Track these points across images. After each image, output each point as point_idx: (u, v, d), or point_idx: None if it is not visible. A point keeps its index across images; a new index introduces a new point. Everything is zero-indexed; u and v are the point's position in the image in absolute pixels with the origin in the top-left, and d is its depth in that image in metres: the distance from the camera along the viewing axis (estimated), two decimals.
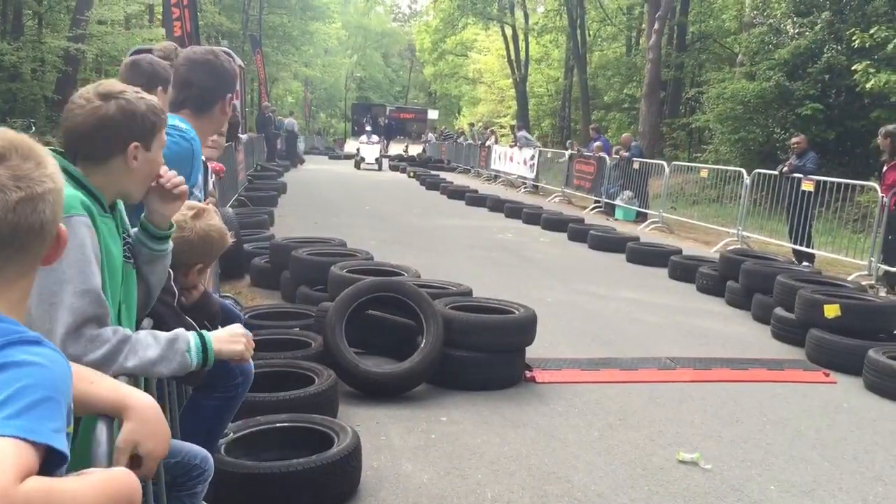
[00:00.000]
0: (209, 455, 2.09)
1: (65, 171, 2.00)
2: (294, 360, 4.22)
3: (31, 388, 1.11)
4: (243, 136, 15.53)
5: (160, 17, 26.07)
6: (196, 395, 2.65)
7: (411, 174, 25.49)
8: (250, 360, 2.21)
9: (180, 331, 1.93)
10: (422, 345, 4.50)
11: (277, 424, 3.42)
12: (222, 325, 2.15)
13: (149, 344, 1.82)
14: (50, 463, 1.09)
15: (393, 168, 29.20)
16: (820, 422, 4.51)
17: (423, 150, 39.88)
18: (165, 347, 1.85)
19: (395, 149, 41.14)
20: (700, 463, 3.78)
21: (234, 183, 12.47)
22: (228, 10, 38.64)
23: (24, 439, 1.05)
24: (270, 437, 3.39)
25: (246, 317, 5.10)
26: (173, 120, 2.71)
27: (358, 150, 29.26)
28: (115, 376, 1.62)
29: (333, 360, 4.33)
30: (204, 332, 1.98)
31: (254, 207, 11.68)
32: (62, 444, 1.10)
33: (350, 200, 16.41)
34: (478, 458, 3.71)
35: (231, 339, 2.02)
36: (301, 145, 32.78)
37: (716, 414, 4.52)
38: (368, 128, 31.39)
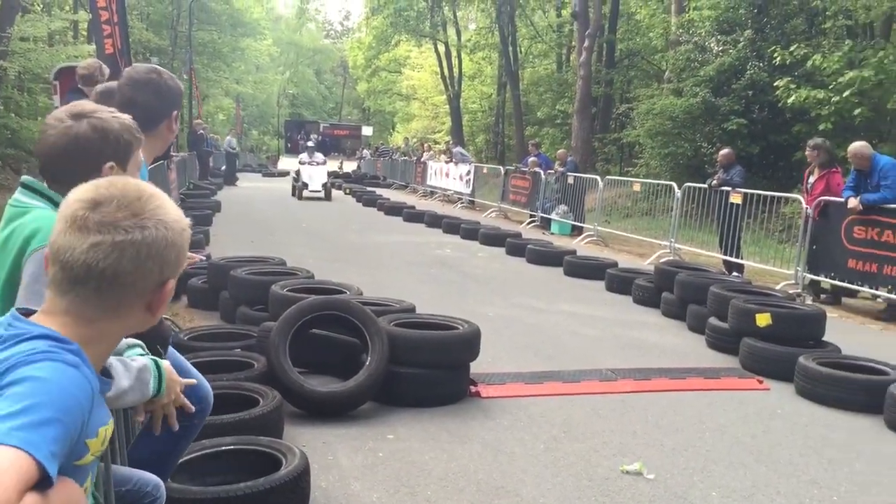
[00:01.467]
0: (161, 482, 2.05)
1: (41, 194, 1.95)
2: (237, 382, 4.15)
3: (45, 406, 1.13)
4: (175, 156, 15.26)
5: (85, 33, 25.49)
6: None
7: (347, 191, 25.41)
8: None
9: (146, 360, 1.88)
10: (367, 363, 4.48)
11: (223, 448, 3.35)
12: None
13: (122, 373, 1.77)
14: (35, 485, 1.08)
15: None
16: (756, 428, 4.65)
17: (358, 167, 39.85)
18: (135, 377, 1.80)
19: (330, 165, 40.85)
20: (644, 472, 3.85)
21: None
22: (156, 26, 38.05)
23: (28, 452, 1.06)
24: (216, 461, 3.32)
25: (185, 338, 5.01)
26: None
27: (298, 173, 22.22)
28: None
29: (278, 380, 4.28)
30: (158, 359, 1.94)
31: None
32: (52, 470, 1.10)
33: (286, 218, 16.25)
34: (426, 475, 3.71)
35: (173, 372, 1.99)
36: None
37: (657, 423, 4.62)
38: (310, 143, 24.76)
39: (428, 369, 4.67)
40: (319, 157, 23.07)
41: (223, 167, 28.33)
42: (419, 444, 4.09)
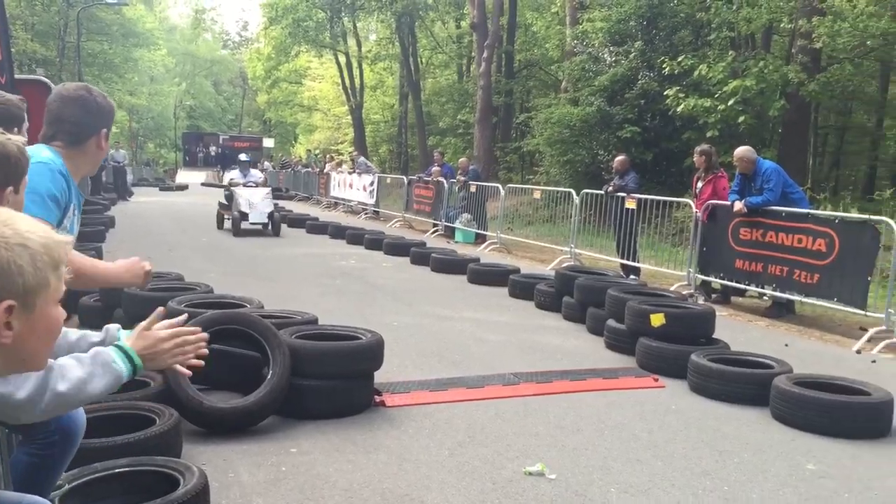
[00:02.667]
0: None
1: None
2: (132, 402, 4.03)
3: None
4: None
5: None
6: (18, 448, 2.51)
7: None
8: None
9: (96, 347, 1.92)
10: (268, 376, 4.42)
11: (117, 470, 3.24)
12: None
13: (72, 365, 1.79)
14: None
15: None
16: (652, 424, 4.81)
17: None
18: (90, 364, 1.83)
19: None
20: (546, 473, 3.93)
21: None
22: (42, 36, 36.47)
23: None
24: (110, 484, 3.21)
25: None
26: (41, 150, 2.71)
27: (230, 198, 16.11)
28: (51, 402, 1.71)
29: (175, 398, 4.17)
30: (120, 343, 1.97)
31: (80, 243, 11.01)
32: None
33: (185, 233, 15.83)
34: (331, 487, 3.68)
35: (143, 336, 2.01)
36: (129, 177, 31.25)
37: (558, 424, 4.72)
38: (244, 157, 18.02)
39: (331, 380, 4.64)
40: (256, 175, 17.66)
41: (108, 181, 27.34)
42: (323, 457, 4.05)
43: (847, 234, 7.98)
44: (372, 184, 21.70)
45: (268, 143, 57.70)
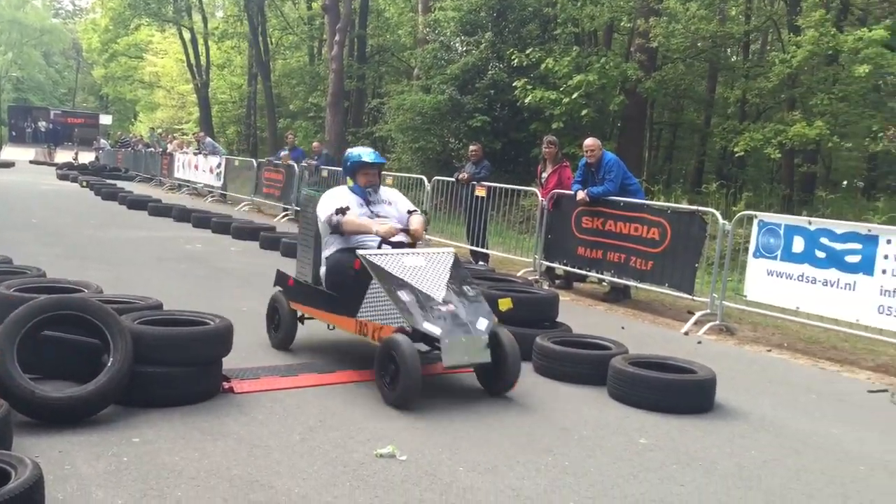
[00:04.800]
0: None
1: None
2: None
3: None
4: None
5: None
6: None
7: (84, 184, 23.55)
8: None
9: None
10: (108, 364, 4.21)
11: None
12: None
13: None
14: None
15: (62, 178, 26.79)
16: (499, 405, 4.97)
17: (96, 158, 37.11)
18: None
19: (64, 156, 37.78)
20: (396, 454, 3.99)
21: None
22: None
23: None
24: None
25: None
26: None
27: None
28: None
29: (4, 388, 3.91)
30: None
31: None
32: None
33: (12, 213, 14.76)
34: (176, 476, 3.58)
35: None
36: None
37: (410, 407, 4.79)
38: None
39: (177, 367, 4.49)
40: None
41: None
42: (168, 445, 3.93)
43: (677, 223, 8.54)
44: (219, 166, 21.02)
45: (105, 119, 54.52)
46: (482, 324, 5.01)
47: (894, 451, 4.73)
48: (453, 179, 12.23)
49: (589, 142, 9.61)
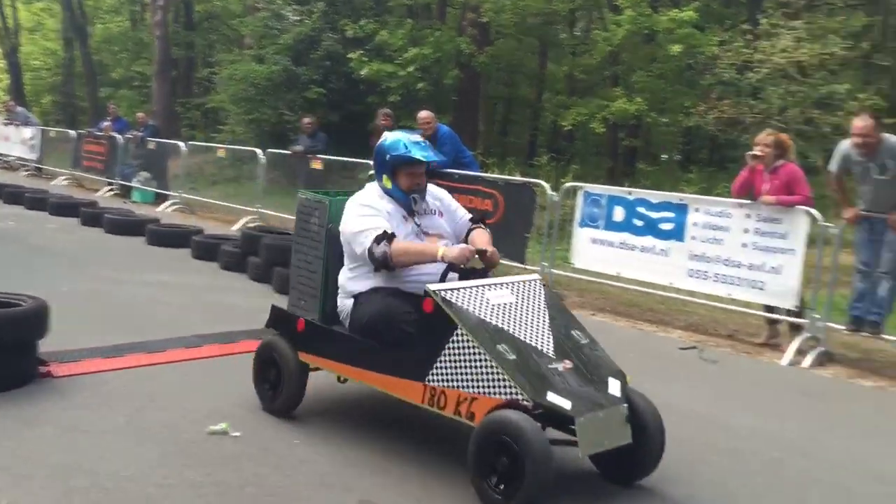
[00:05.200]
0: None
1: None
2: None
3: None
4: None
5: None
6: None
7: None
8: None
9: None
10: None
11: None
12: None
13: None
14: None
15: None
16: (331, 377, 4.98)
17: None
18: None
19: None
20: (229, 431, 3.93)
21: None
22: None
23: None
24: None
25: None
26: None
27: None
28: None
29: None
30: None
31: None
32: None
33: None
34: None
35: None
36: None
37: (242, 383, 4.68)
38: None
39: None
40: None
41: None
42: None
43: (509, 195, 8.83)
44: (33, 137, 19.52)
45: None
46: (614, 387, 3.55)
47: (700, 400, 5.17)
48: (289, 152, 12.01)
49: (423, 114, 9.69)
